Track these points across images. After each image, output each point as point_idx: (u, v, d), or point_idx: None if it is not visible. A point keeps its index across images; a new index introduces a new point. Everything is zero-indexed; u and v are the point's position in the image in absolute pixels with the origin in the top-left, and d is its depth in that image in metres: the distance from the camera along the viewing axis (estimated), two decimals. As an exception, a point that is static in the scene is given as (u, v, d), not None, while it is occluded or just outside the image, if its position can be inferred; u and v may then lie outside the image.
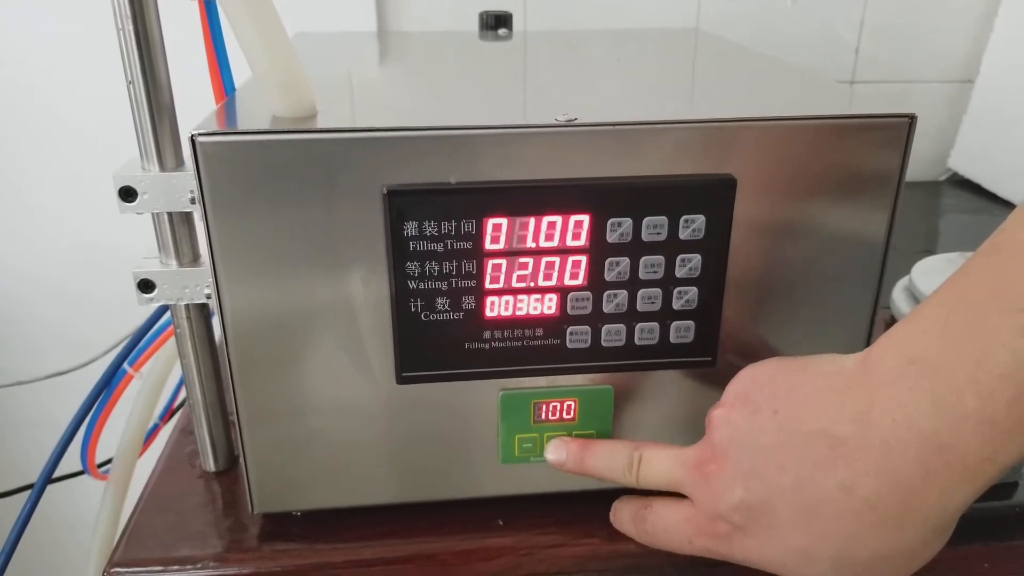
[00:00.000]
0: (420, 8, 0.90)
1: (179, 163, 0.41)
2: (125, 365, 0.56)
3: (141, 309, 0.50)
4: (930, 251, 0.83)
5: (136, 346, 0.56)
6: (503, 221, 0.38)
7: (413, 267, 0.38)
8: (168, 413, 0.65)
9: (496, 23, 0.68)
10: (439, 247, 0.38)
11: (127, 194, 0.40)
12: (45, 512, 0.87)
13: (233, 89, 0.44)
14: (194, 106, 0.44)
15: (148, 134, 0.40)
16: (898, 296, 0.64)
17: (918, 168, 1.05)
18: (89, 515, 0.74)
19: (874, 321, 0.42)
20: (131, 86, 0.39)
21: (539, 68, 0.55)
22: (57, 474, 0.81)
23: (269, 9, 0.37)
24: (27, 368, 0.85)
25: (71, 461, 0.81)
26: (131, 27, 0.38)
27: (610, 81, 0.50)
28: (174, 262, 0.43)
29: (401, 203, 0.37)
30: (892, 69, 1.00)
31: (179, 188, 0.40)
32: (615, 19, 0.92)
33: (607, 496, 0.44)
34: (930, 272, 0.64)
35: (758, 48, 0.96)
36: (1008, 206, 0.92)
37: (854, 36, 0.98)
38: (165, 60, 0.39)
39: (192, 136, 0.35)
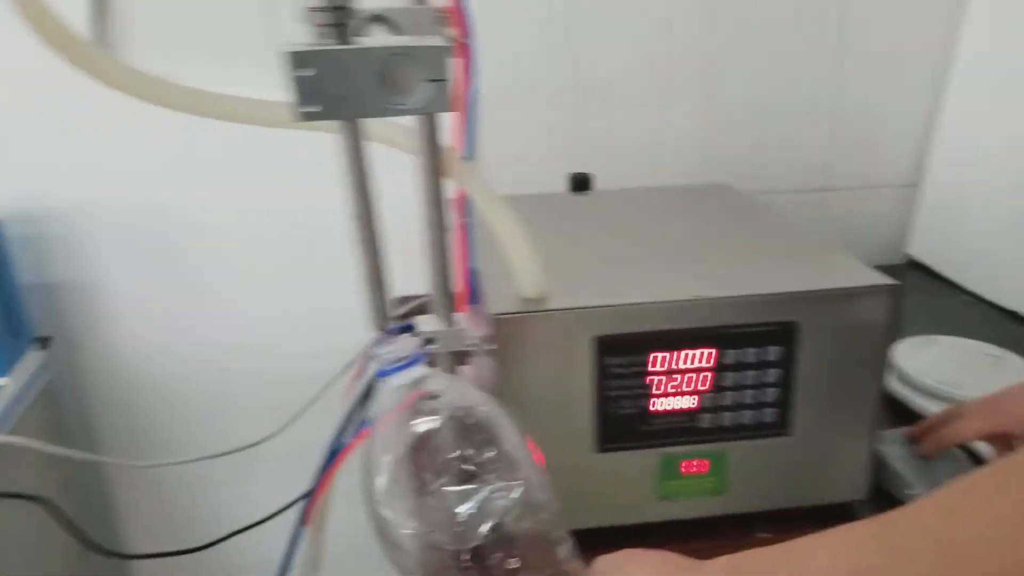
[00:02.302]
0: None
1: (454, 322, 0.66)
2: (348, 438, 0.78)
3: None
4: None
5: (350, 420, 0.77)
6: (662, 354, 0.63)
7: (610, 383, 0.64)
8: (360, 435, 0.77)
9: (583, 184, 0.94)
10: (625, 371, 0.64)
11: (428, 341, 0.65)
12: (234, 561, 1.08)
13: (475, 275, 0.69)
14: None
15: (443, 310, 0.65)
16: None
17: (881, 253, 1.33)
18: (269, 558, 0.95)
19: (881, 394, 0.68)
20: (434, 290, 0.64)
21: (650, 239, 0.80)
22: (246, 524, 1.02)
23: (522, 225, 0.62)
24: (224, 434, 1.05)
25: (248, 512, 1.01)
26: (438, 233, 0.63)
27: (704, 255, 0.75)
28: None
29: (604, 345, 0.63)
30: (855, 179, 1.29)
31: (461, 337, 0.65)
32: (647, 169, 1.19)
33: (730, 520, 0.69)
34: (909, 356, 0.91)
35: (757, 168, 1.22)
36: (952, 286, 1.20)
37: (824, 155, 1.26)
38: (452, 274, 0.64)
39: (494, 315, 0.60)
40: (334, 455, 0.76)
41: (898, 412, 0.87)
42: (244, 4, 1.00)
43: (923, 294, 1.22)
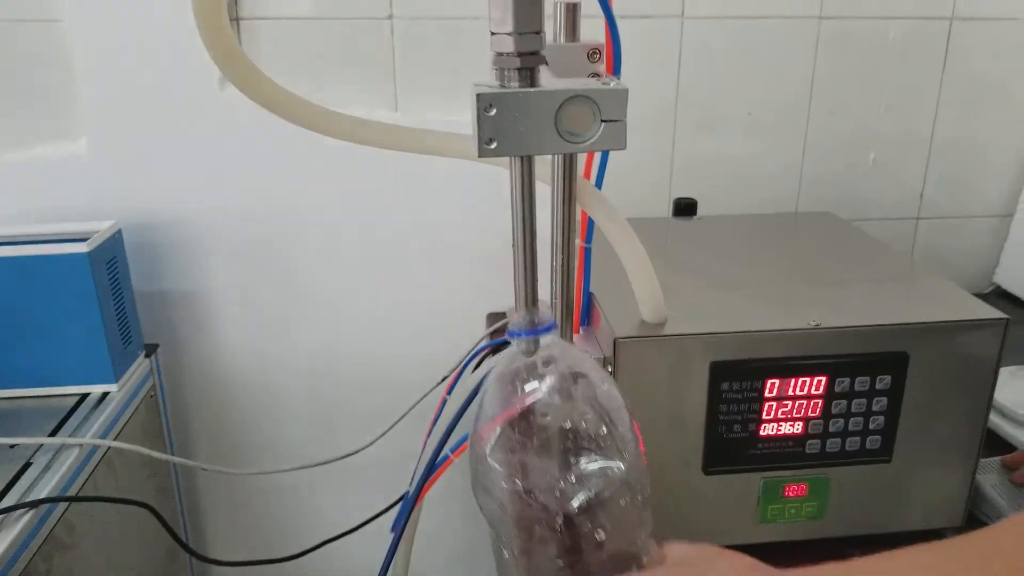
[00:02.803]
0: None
1: (570, 340, 0.69)
2: (447, 451, 0.82)
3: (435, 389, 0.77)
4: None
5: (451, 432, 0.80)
6: (776, 381, 0.66)
7: (723, 407, 0.66)
8: (462, 447, 0.73)
9: (688, 210, 0.96)
10: (739, 395, 0.66)
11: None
12: (311, 569, 1.11)
13: (589, 298, 0.72)
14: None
15: (563, 331, 0.68)
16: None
17: (969, 281, 1.33)
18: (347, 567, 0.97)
19: (986, 424, 0.70)
20: (557, 301, 0.67)
21: (760, 266, 0.83)
22: (336, 533, 1.05)
23: (645, 254, 0.65)
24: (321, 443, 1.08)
25: (325, 521, 1.04)
26: (566, 257, 0.66)
27: (815, 283, 0.78)
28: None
29: (719, 370, 0.65)
30: (948, 208, 1.29)
31: (575, 355, 0.68)
32: (744, 196, 1.21)
33: (827, 544, 0.71)
34: (1001, 385, 0.91)
35: (852, 195, 1.23)
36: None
37: (919, 185, 1.27)
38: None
39: (615, 339, 0.63)
40: (434, 467, 0.79)
41: (991, 441, 0.88)
42: (360, 29, 1.05)
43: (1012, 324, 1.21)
